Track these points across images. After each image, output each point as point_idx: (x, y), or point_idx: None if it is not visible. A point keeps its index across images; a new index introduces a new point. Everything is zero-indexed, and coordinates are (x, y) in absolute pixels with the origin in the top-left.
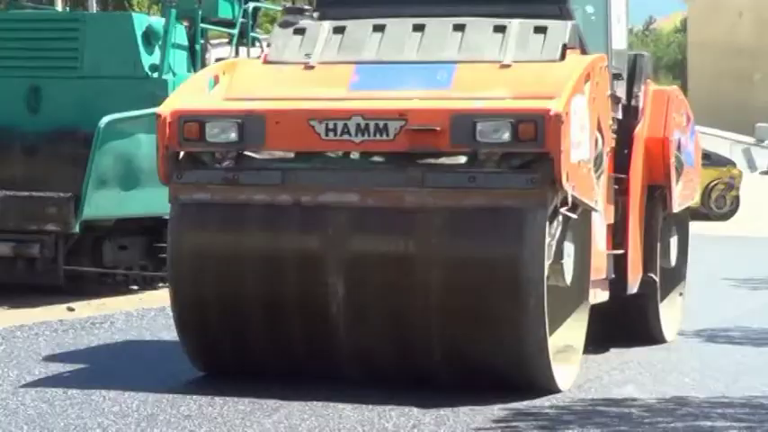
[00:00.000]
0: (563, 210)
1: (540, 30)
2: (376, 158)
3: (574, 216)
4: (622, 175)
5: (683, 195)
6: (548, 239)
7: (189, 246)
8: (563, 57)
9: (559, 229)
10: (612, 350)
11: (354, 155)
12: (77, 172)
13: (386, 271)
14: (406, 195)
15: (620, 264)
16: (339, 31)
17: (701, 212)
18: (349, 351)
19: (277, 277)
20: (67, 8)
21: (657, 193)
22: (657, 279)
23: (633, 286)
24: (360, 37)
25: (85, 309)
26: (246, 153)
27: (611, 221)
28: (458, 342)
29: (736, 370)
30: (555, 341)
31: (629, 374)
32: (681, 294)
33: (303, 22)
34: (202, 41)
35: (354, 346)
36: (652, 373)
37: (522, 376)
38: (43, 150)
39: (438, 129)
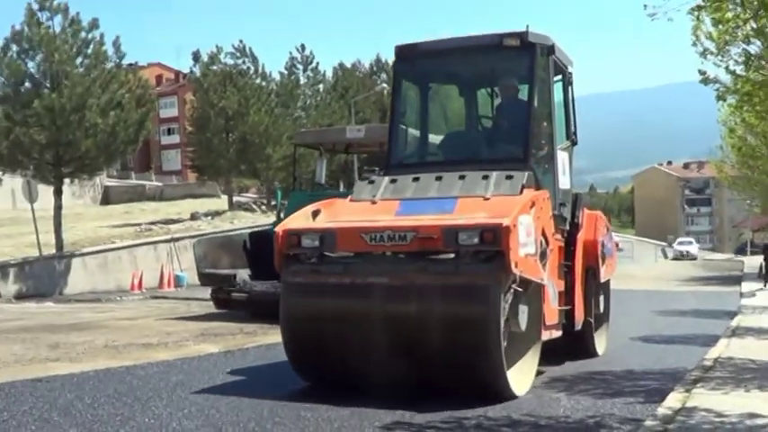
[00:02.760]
0: (514, 285)
1: (509, 177)
2: (400, 255)
3: (520, 290)
4: (569, 262)
5: (606, 272)
6: (503, 304)
7: (291, 309)
8: (521, 192)
9: (512, 296)
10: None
11: (387, 253)
12: None
13: (406, 322)
14: (417, 277)
15: (570, 314)
16: (393, 181)
17: None
18: (384, 368)
19: (343, 327)
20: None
21: (591, 272)
22: (592, 321)
23: (578, 326)
24: (405, 184)
25: None
26: (325, 253)
27: (562, 289)
28: (450, 363)
29: (658, 356)
30: (519, 363)
31: (602, 360)
32: (607, 327)
33: (373, 177)
34: None
35: (388, 365)
36: (614, 359)
37: (488, 382)
38: None
39: (435, 237)
